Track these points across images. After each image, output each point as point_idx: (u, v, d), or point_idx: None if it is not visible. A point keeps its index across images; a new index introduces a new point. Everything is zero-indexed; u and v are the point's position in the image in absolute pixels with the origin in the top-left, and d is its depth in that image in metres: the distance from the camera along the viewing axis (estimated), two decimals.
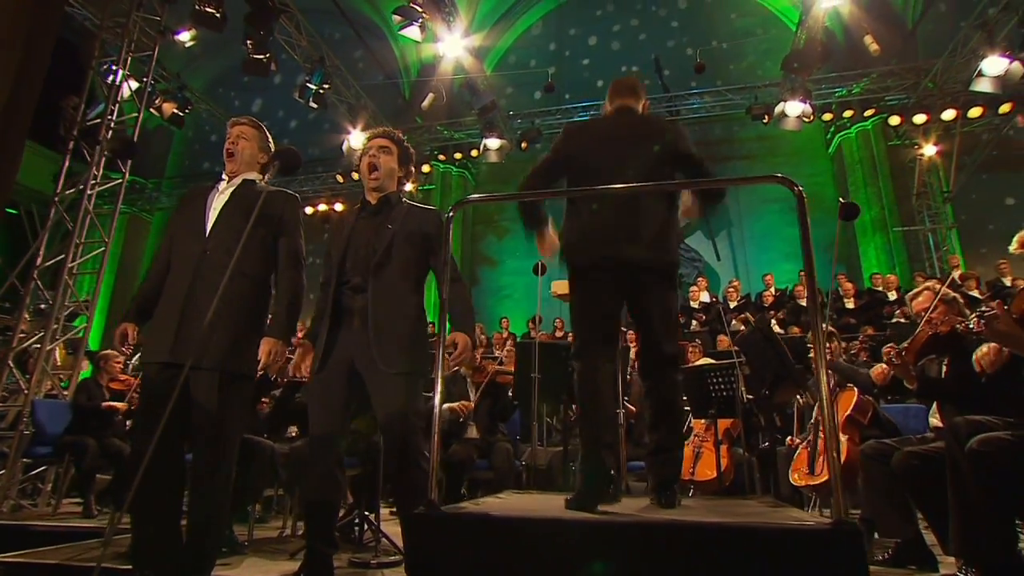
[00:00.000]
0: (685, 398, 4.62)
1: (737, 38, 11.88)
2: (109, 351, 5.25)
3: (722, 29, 12.65)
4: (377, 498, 3.16)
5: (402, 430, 2.19)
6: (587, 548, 1.46)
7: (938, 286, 2.84)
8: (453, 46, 8.71)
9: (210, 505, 2.23)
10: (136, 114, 6.89)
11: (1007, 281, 7.30)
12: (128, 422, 5.02)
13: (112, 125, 6.51)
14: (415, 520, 1.52)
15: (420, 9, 7.78)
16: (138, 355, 7.18)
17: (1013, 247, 2.56)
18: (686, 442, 4.42)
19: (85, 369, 6.11)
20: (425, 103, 9.24)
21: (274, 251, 2.43)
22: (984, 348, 2.59)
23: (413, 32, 7.96)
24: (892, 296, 7.91)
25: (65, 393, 5.79)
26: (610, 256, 2.15)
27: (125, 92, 7.02)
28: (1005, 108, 9.37)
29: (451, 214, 1.86)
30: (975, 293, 6.73)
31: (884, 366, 3.02)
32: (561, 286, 2.95)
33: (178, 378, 2.24)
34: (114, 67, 7.15)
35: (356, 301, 2.32)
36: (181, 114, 9.68)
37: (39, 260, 5.89)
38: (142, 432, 2.25)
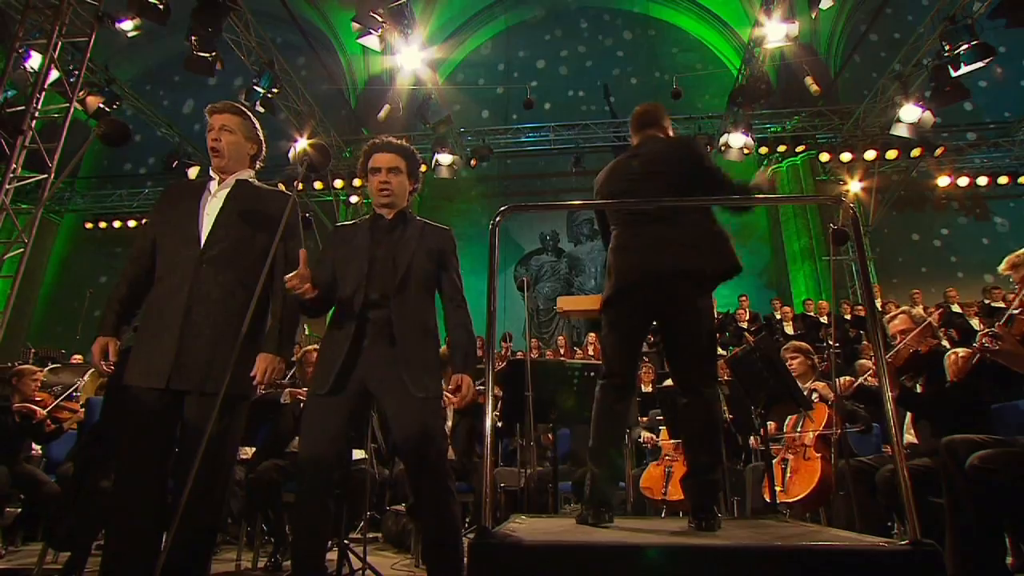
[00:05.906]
0: (660, 417, 4.67)
1: (678, 71, 12.45)
2: (26, 366, 4.62)
3: (664, 62, 13.26)
4: (365, 528, 2.94)
5: (434, 455, 2.06)
6: (667, 574, 1.39)
7: (914, 310, 3.02)
8: (411, 58, 8.59)
9: (197, 542, 1.98)
10: (57, 105, 6.29)
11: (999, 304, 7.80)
12: (36, 445, 4.43)
13: (36, 115, 5.91)
14: (479, 549, 1.40)
15: (380, 19, 7.61)
16: (49, 368, 6.43)
17: (1002, 268, 2.74)
18: (655, 462, 4.45)
19: None
20: (381, 115, 9.04)
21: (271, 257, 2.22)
22: (952, 356, 2.77)
23: (372, 41, 7.77)
24: (824, 320, 8.40)
25: None
26: (650, 270, 2.14)
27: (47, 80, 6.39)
28: (916, 152, 10.33)
29: (498, 220, 1.74)
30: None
31: (849, 378, 3.23)
32: (567, 302, 2.89)
33: (174, 405, 2.02)
34: (32, 52, 6.54)
35: (375, 319, 2.16)
36: (108, 110, 8.92)
37: None
38: (130, 463, 1.97)
